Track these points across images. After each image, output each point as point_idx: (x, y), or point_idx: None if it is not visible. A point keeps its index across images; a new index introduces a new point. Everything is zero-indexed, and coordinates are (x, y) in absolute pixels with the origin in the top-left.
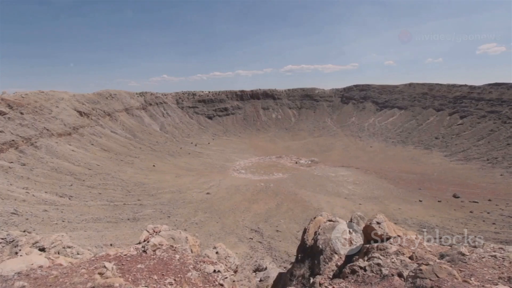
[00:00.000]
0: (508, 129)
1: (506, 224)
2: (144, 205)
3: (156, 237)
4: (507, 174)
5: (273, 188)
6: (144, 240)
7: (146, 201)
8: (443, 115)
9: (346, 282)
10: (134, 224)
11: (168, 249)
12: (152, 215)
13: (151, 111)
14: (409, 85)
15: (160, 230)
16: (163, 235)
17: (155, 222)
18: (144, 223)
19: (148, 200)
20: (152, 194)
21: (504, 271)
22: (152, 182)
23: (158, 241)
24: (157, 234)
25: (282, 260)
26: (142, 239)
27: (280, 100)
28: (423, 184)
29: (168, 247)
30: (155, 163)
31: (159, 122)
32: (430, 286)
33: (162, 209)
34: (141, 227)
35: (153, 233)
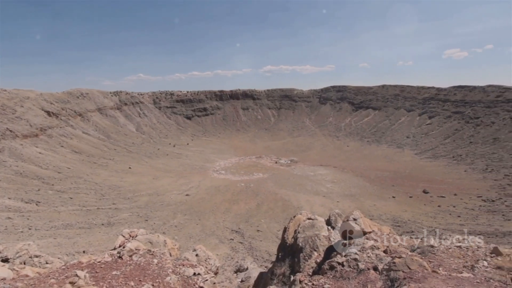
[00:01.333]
0: (471, 128)
1: (470, 217)
2: (120, 209)
3: (132, 241)
4: (470, 170)
5: (254, 188)
6: (119, 246)
7: (121, 205)
8: (414, 115)
9: (325, 278)
10: (109, 229)
11: (146, 254)
12: (128, 219)
13: (127, 111)
14: (382, 86)
15: (136, 234)
16: (140, 239)
17: (131, 226)
18: (120, 228)
19: (124, 204)
20: (128, 197)
21: (468, 260)
22: (128, 184)
23: (134, 246)
24: (133, 239)
25: (263, 259)
26: (118, 245)
27: (259, 100)
28: (396, 181)
29: (145, 251)
30: (131, 165)
31: (135, 123)
32: (403, 278)
33: (139, 213)
34: (116, 232)
35: (129, 238)
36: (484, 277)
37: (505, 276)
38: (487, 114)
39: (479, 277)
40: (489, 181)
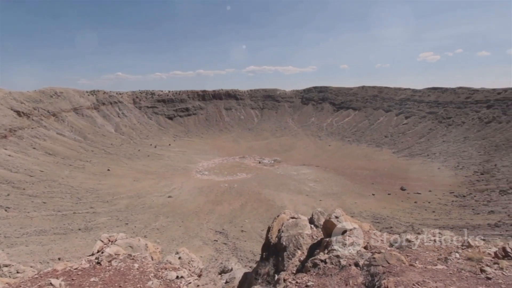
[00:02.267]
0: (443, 128)
1: (443, 212)
2: (98, 212)
3: (111, 246)
4: (443, 168)
5: (237, 188)
6: (98, 251)
7: (100, 209)
8: (391, 115)
9: (308, 275)
10: (87, 234)
11: (126, 259)
12: (107, 223)
13: (105, 111)
14: (362, 87)
15: (116, 238)
16: (119, 244)
17: (111, 230)
18: (98, 233)
19: (102, 207)
20: (107, 201)
21: (442, 253)
22: (107, 187)
23: (114, 251)
24: (113, 244)
25: (247, 260)
26: (96, 250)
27: (242, 100)
28: (375, 179)
29: (125, 256)
30: (109, 167)
31: (113, 123)
32: (382, 272)
33: (118, 216)
34: (94, 237)
35: (108, 243)
36: (457, 268)
37: (475, 266)
38: (458, 115)
39: (452, 269)
40: (460, 177)
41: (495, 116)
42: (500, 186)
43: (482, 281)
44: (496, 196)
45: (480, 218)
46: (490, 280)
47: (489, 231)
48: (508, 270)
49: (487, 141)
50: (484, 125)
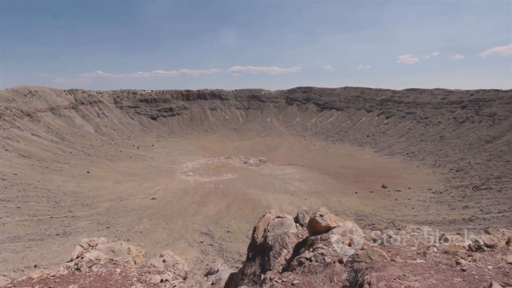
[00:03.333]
0: (422, 127)
1: (422, 208)
2: (77, 217)
3: (92, 251)
4: (421, 166)
5: (223, 189)
6: (77, 257)
7: (79, 212)
8: (373, 115)
9: (294, 274)
10: (65, 239)
11: (107, 264)
12: (87, 227)
13: (84, 111)
14: (345, 88)
15: (97, 243)
16: (100, 248)
17: (91, 235)
18: (78, 238)
19: (82, 211)
20: (86, 204)
21: (421, 247)
22: (87, 190)
23: (94, 256)
24: (93, 248)
25: (234, 260)
26: (75, 256)
27: (227, 100)
28: (358, 178)
29: (107, 261)
30: (89, 169)
31: (93, 123)
32: (365, 268)
33: (99, 220)
34: (73, 243)
35: (88, 248)
36: (434, 262)
37: (451, 259)
38: (434, 115)
39: (430, 262)
40: (437, 175)
41: (468, 116)
42: (473, 182)
43: (458, 273)
44: (470, 192)
45: (456, 213)
46: (464, 272)
47: (464, 225)
48: (481, 261)
49: (461, 140)
50: (458, 125)
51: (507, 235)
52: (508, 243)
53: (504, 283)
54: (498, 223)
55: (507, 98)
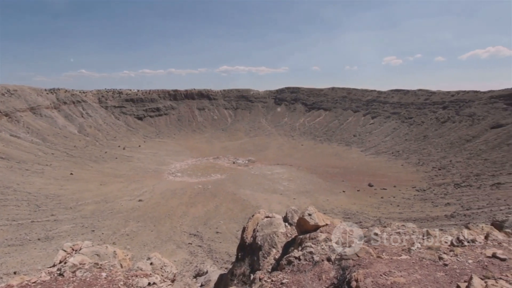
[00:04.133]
0: (406, 127)
1: (407, 205)
2: (60, 220)
3: (76, 256)
4: (406, 164)
5: (212, 189)
6: (60, 262)
7: (62, 216)
8: (359, 115)
9: (283, 273)
10: (47, 244)
11: (92, 268)
12: (71, 231)
13: (66, 111)
14: (332, 89)
15: (81, 247)
16: (85, 252)
17: (75, 239)
18: (61, 242)
19: (65, 215)
20: (70, 207)
21: (405, 243)
22: (70, 193)
23: (78, 260)
24: (77, 253)
25: (223, 261)
26: (58, 261)
27: (216, 100)
28: (345, 177)
29: (91, 265)
30: (73, 171)
31: (77, 124)
32: (352, 265)
33: (84, 223)
34: (56, 247)
35: (72, 252)
36: (418, 257)
37: (434, 254)
38: (418, 115)
39: (414, 258)
40: (421, 173)
41: (449, 116)
42: (455, 180)
43: (440, 268)
44: (451, 189)
45: (438, 210)
46: (447, 266)
47: (446, 222)
48: (462, 256)
49: (443, 139)
50: (440, 125)
51: (485, 230)
52: (486, 238)
53: (483, 276)
54: (477, 218)
55: (485, 99)
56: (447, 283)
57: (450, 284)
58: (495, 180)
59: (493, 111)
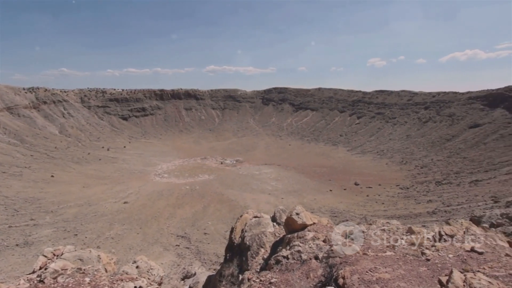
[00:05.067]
0: (390, 127)
1: (391, 203)
2: (40, 225)
3: (57, 261)
4: (390, 163)
5: (199, 190)
6: (40, 268)
7: (42, 220)
8: (345, 116)
9: (272, 272)
10: (26, 250)
11: (75, 273)
12: (52, 235)
13: (46, 111)
14: (319, 89)
15: (62, 252)
16: (67, 257)
17: (56, 243)
18: (41, 247)
19: (45, 219)
20: (51, 211)
21: (390, 240)
22: (51, 196)
23: (60, 266)
24: (58, 258)
25: (211, 262)
26: (38, 267)
27: (203, 100)
28: (332, 176)
29: (74, 270)
30: (53, 173)
31: (57, 124)
32: (339, 263)
33: (66, 227)
34: (36, 253)
35: (53, 257)
36: (402, 253)
37: (417, 250)
38: (401, 115)
39: (399, 254)
40: (405, 171)
41: (431, 116)
42: (436, 178)
43: (423, 263)
44: (433, 187)
45: (421, 207)
46: (429, 261)
47: (428, 218)
48: (443, 251)
49: (425, 139)
50: (422, 124)
51: (464, 225)
52: (465, 233)
53: (462, 269)
54: (457, 214)
55: (463, 100)
56: (429, 277)
57: (432, 278)
58: (473, 177)
59: (471, 112)
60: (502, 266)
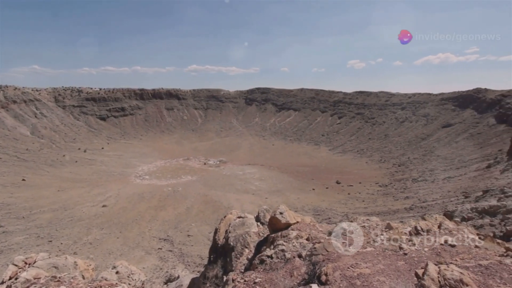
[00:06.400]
0: (369, 127)
1: (371, 200)
2: (10, 232)
3: (29, 270)
4: (370, 162)
5: (182, 191)
6: (10, 278)
7: (13, 227)
8: (327, 116)
9: (256, 272)
10: None
11: (49, 282)
12: (24, 243)
13: (16, 111)
14: (301, 90)
15: (35, 260)
16: (40, 265)
17: (29, 251)
18: (11, 256)
19: (16, 225)
20: (22, 217)
21: (370, 237)
22: (22, 201)
23: (32, 275)
24: (31, 266)
25: (195, 264)
26: (8, 277)
27: (185, 100)
28: (315, 175)
29: (48, 279)
30: (25, 176)
31: (29, 125)
32: (322, 260)
33: (39, 234)
34: (6, 262)
35: (24, 266)
36: (382, 249)
37: (395, 245)
38: (380, 115)
39: (378, 249)
40: (383, 169)
41: (407, 117)
42: (412, 175)
43: (401, 257)
44: (410, 184)
45: (399, 203)
46: (406, 255)
47: (406, 214)
48: (419, 245)
49: (402, 138)
50: (399, 124)
51: (439, 220)
52: (439, 227)
53: (437, 261)
54: (432, 210)
55: (437, 101)
56: (407, 270)
57: (410, 272)
58: (446, 174)
59: (444, 112)
60: (472, 257)
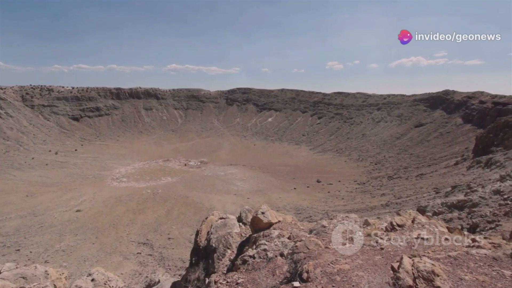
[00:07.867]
0: (347, 127)
1: (350, 198)
2: None
3: None
4: (348, 160)
5: (162, 194)
6: None
7: None
8: (307, 116)
9: (238, 273)
10: None
11: None
12: None
13: None
14: (282, 90)
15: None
16: (6, 276)
17: None
18: None
19: None
20: None
21: (349, 232)
22: None
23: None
24: None
25: (176, 268)
26: None
27: (164, 100)
28: (296, 174)
29: None
30: None
31: None
32: (303, 258)
33: (5, 242)
34: None
35: None
36: (360, 245)
37: (372, 240)
38: (357, 115)
39: (356, 246)
40: (361, 168)
41: (382, 117)
42: (388, 173)
43: (378, 252)
44: (385, 181)
45: (376, 200)
46: (383, 250)
47: (382, 210)
48: (395, 240)
49: (378, 137)
50: (375, 124)
51: (412, 215)
52: (413, 222)
53: (411, 254)
54: (406, 205)
55: (410, 102)
56: (384, 264)
57: (386, 265)
58: (419, 171)
59: (416, 112)
60: (442, 249)
